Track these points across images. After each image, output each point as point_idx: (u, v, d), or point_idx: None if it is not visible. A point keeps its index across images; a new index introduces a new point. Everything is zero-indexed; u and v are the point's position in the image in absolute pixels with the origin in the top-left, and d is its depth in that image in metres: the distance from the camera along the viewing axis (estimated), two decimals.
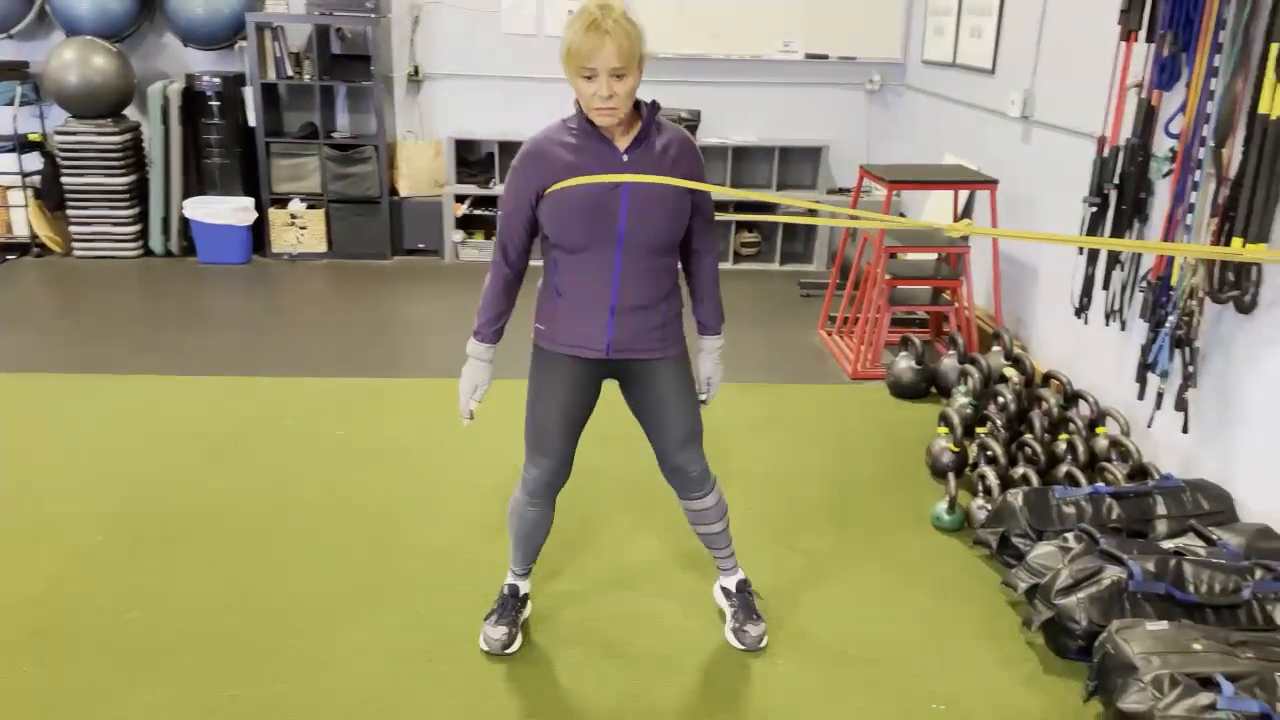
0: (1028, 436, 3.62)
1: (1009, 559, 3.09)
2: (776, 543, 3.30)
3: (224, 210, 6.38)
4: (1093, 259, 3.83)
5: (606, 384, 2.59)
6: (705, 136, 6.78)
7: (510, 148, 6.87)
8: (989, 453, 3.54)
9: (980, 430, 3.74)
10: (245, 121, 6.51)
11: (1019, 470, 3.44)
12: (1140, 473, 3.36)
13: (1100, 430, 3.62)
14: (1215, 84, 3.11)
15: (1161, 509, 3.09)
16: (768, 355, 2.53)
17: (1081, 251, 3.89)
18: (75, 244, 6.47)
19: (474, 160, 6.90)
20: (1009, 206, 4.86)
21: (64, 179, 6.32)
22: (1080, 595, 2.66)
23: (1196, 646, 2.39)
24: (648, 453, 2.65)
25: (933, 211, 5.76)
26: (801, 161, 6.94)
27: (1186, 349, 3.24)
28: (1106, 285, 3.75)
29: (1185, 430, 3.32)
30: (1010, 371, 4.07)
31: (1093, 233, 3.75)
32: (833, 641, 2.80)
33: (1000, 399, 3.81)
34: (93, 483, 3.56)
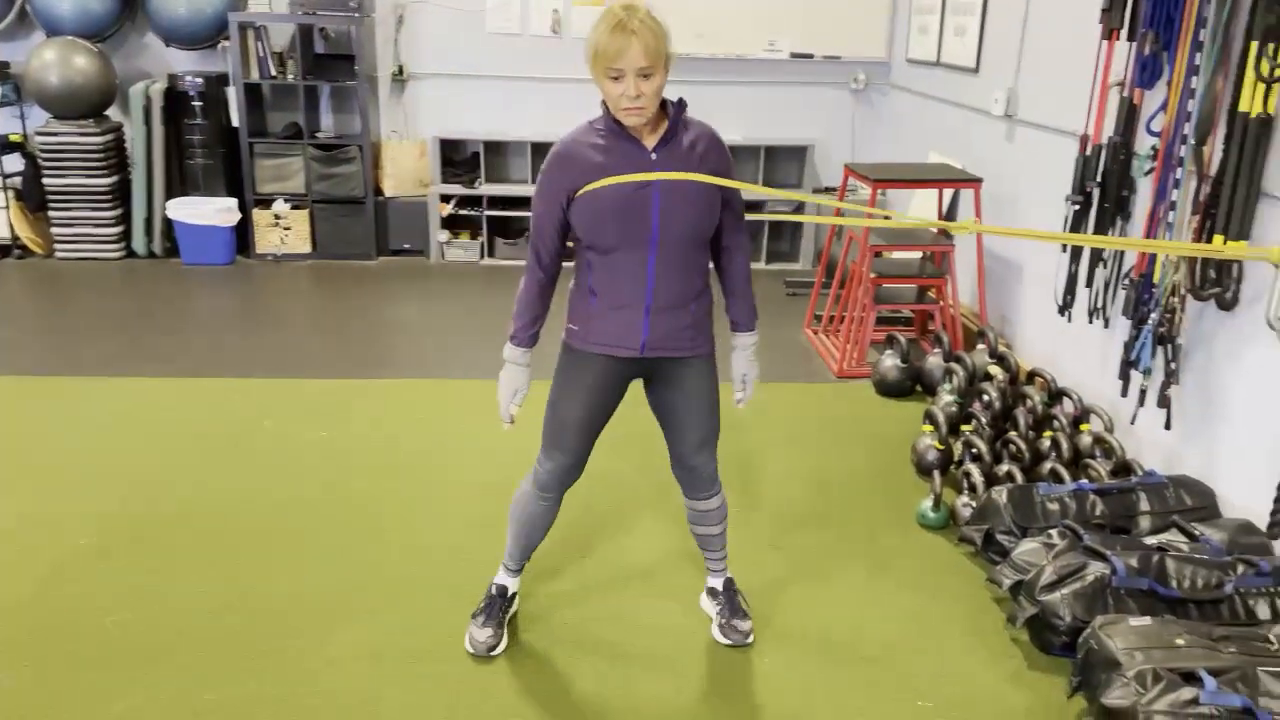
0: (1012, 434, 3.64)
1: (994, 556, 3.10)
2: (762, 541, 3.30)
3: (207, 211, 6.34)
4: (1076, 257, 3.85)
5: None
6: None
7: (496, 147, 6.87)
8: (974, 450, 3.56)
9: (965, 428, 3.76)
10: (228, 122, 6.48)
11: (1003, 467, 3.45)
12: (1124, 469, 3.38)
13: (1084, 427, 3.64)
14: (1196, 82, 3.13)
15: (1145, 505, 3.11)
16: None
17: (1065, 249, 3.91)
18: (57, 245, 6.43)
19: (459, 160, 6.88)
20: (993, 205, 4.88)
21: (45, 180, 6.27)
22: (1064, 591, 2.68)
23: (1179, 642, 2.40)
24: (642, 453, 2.65)
25: (917, 210, 5.78)
26: (787, 161, 6.95)
27: (1169, 346, 3.26)
28: (1090, 283, 3.77)
29: (1168, 427, 3.34)
30: (995, 369, 4.09)
31: (1076, 230, 3.77)
32: (819, 638, 2.80)
33: (985, 397, 3.83)
34: (77, 485, 3.54)
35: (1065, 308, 3.91)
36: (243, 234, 6.55)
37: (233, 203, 6.43)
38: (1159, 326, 3.28)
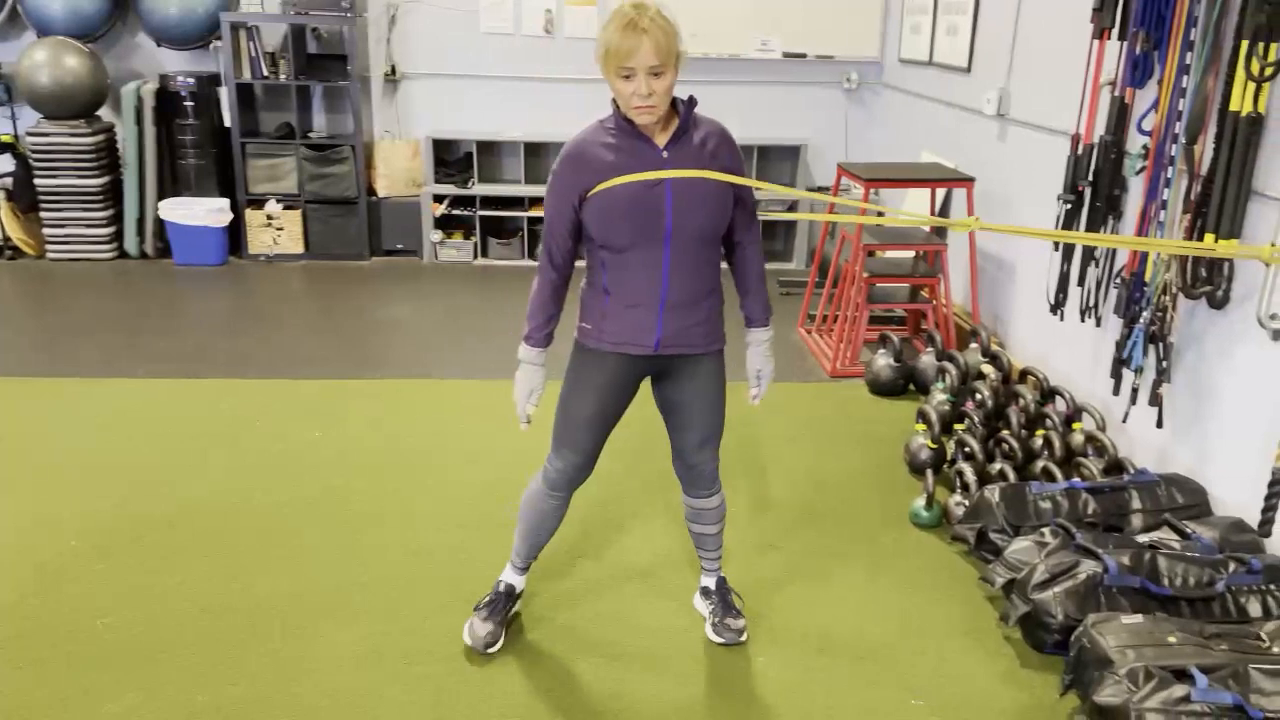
0: (1005, 433, 3.65)
1: (986, 554, 3.11)
2: (756, 539, 3.31)
3: (199, 211, 6.33)
4: (1068, 256, 3.86)
5: None
6: None
7: (489, 147, 6.87)
8: (966, 449, 3.56)
9: (958, 427, 3.76)
10: (220, 122, 6.46)
11: (996, 466, 3.46)
12: (1116, 468, 3.39)
13: (1076, 426, 3.64)
14: (1187, 81, 3.14)
15: (1136, 503, 3.12)
16: (742, 353, 2.56)
17: (1057, 248, 3.92)
18: (49, 246, 6.40)
19: (452, 160, 6.88)
20: (985, 204, 4.89)
21: (37, 181, 6.25)
22: (1056, 590, 2.68)
23: (1171, 639, 2.41)
24: (635, 452, 2.65)
25: (910, 211, 5.78)
26: (780, 160, 6.95)
27: (1160, 344, 3.27)
28: (1081, 282, 3.78)
29: (1160, 425, 3.35)
30: (987, 368, 4.10)
31: (1068, 229, 3.78)
32: (812, 637, 2.81)
33: (978, 396, 3.84)
34: (70, 486, 3.53)
35: (1057, 306, 3.92)
36: (235, 234, 6.54)
37: (225, 203, 6.42)
38: (1150, 325, 3.29)
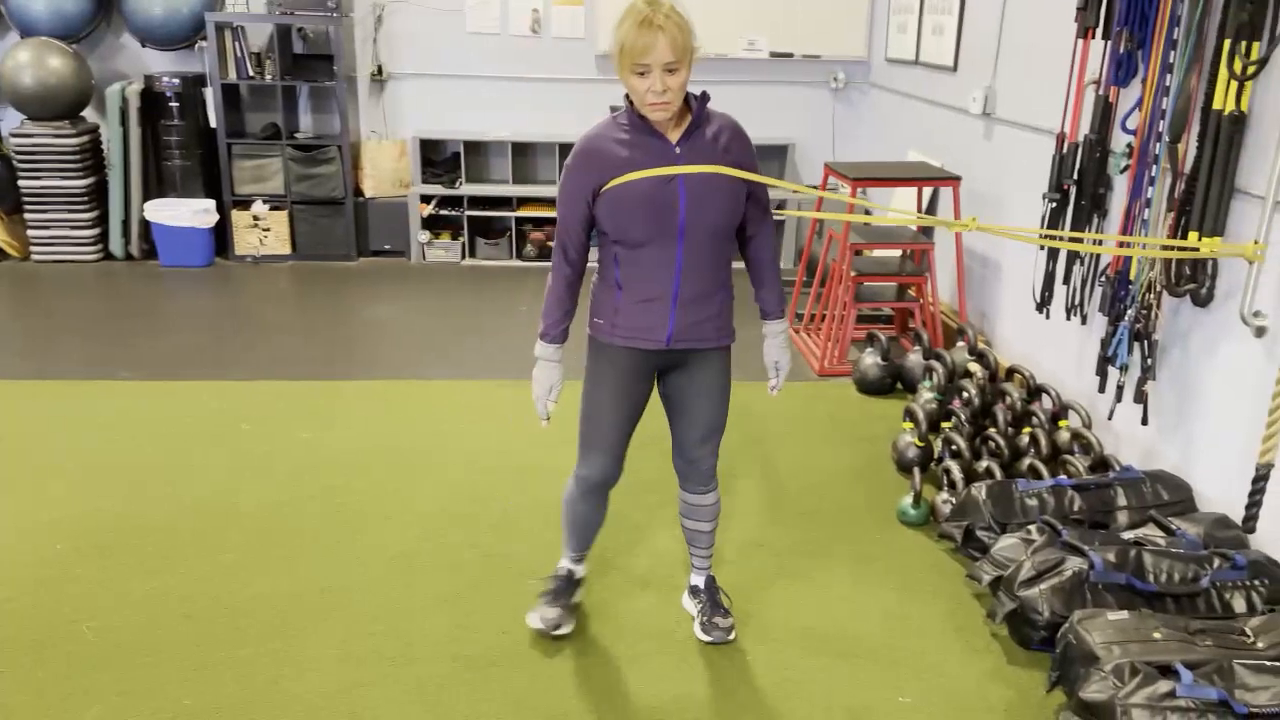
0: (991, 430, 3.66)
1: (973, 552, 3.12)
2: (744, 538, 3.31)
3: (185, 213, 6.30)
4: (1053, 254, 3.87)
5: None
6: None
7: (476, 147, 6.86)
8: (953, 447, 3.57)
9: (945, 425, 3.77)
10: (206, 122, 6.44)
11: (983, 464, 3.47)
12: (1101, 465, 3.40)
13: (1062, 423, 3.66)
14: (1170, 80, 3.15)
15: (1122, 500, 3.13)
16: (735, 353, 2.55)
17: (1042, 246, 3.93)
18: (33, 248, 6.36)
19: (439, 160, 6.86)
20: (972, 203, 4.90)
21: (21, 182, 6.21)
22: (1043, 587, 2.69)
23: (1156, 635, 2.42)
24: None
25: (879, 208, 5.80)
26: (768, 160, 6.96)
27: (1145, 342, 3.28)
28: (1067, 280, 3.79)
29: (1145, 422, 3.37)
30: (974, 366, 4.11)
31: (1053, 227, 3.79)
32: (799, 635, 2.81)
33: (964, 394, 3.85)
34: (53, 489, 3.50)
35: (1043, 305, 3.94)
36: (221, 235, 6.51)
37: (211, 204, 6.39)
38: (1135, 323, 3.31)
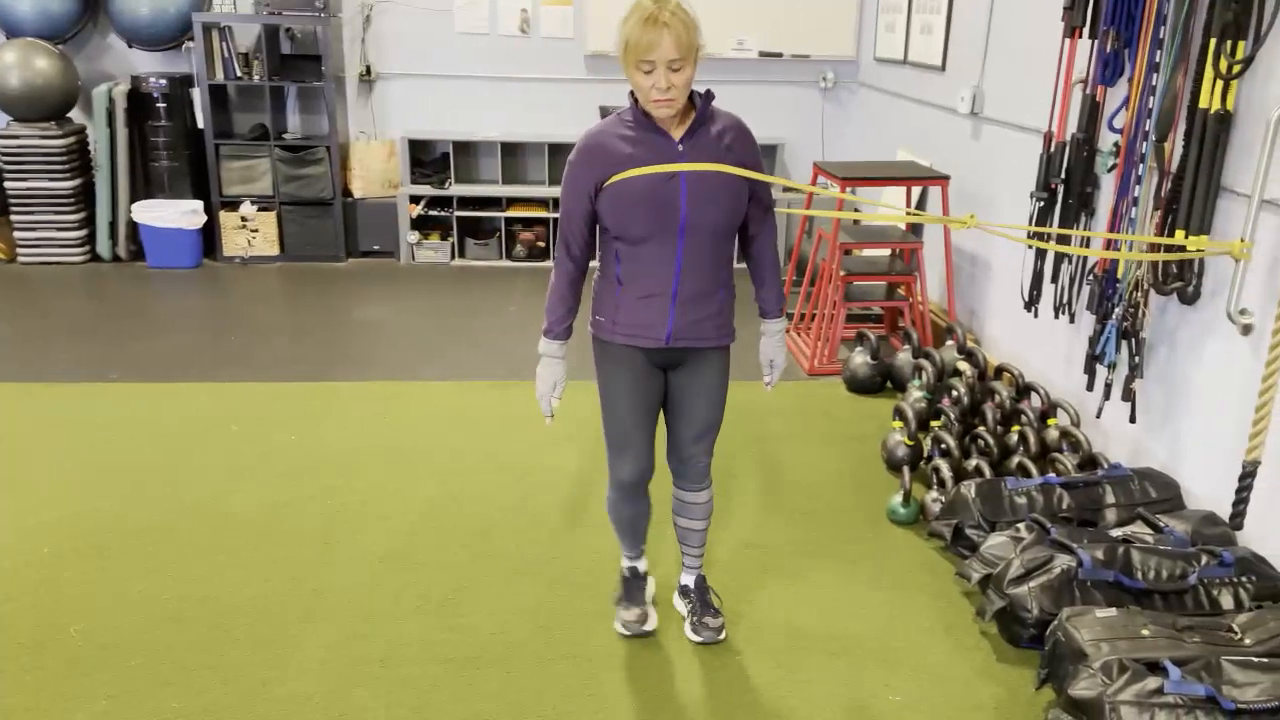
0: (980, 429, 3.66)
1: (963, 550, 3.12)
2: (734, 538, 3.31)
3: (173, 214, 6.27)
4: (1041, 252, 3.88)
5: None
6: None
7: (465, 148, 6.84)
8: (943, 446, 3.58)
9: (934, 424, 3.78)
10: (193, 123, 6.42)
11: (972, 462, 3.48)
12: (1090, 463, 3.42)
13: (1051, 421, 3.67)
14: (1157, 79, 3.16)
15: (1110, 498, 3.14)
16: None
17: (1030, 246, 3.94)
18: (20, 250, 6.33)
19: (428, 160, 6.85)
20: (961, 202, 4.91)
21: (7, 184, 6.17)
22: (1031, 584, 2.70)
23: (1145, 632, 2.43)
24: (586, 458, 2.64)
25: (882, 207, 5.80)
26: None
27: (1133, 340, 3.29)
28: (1055, 279, 3.81)
29: (1133, 420, 3.38)
30: (963, 365, 4.12)
31: (1041, 226, 3.80)
32: (790, 634, 2.81)
33: (954, 392, 3.85)
34: (41, 492, 3.48)
35: (1031, 304, 3.94)
36: (209, 236, 6.49)
37: (198, 205, 6.36)
38: (1123, 321, 3.32)
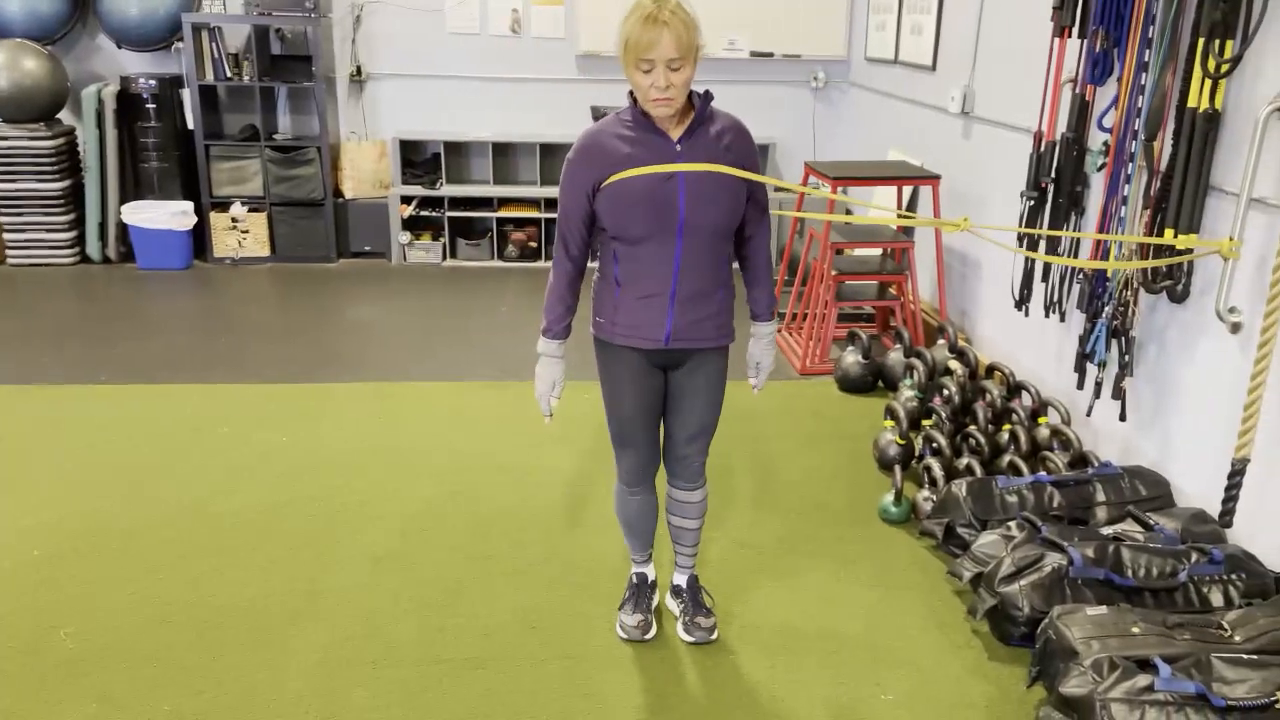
0: (972, 428, 3.67)
1: (954, 549, 3.13)
2: (726, 537, 3.31)
3: (163, 215, 6.25)
4: (1032, 251, 3.88)
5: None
6: None
7: (456, 148, 6.83)
8: (934, 445, 3.59)
9: (926, 423, 3.79)
10: (183, 124, 6.39)
11: (963, 461, 3.48)
12: (1080, 461, 3.43)
13: (1042, 420, 3.68)
14: (1145, 78, 3.17)
15: (1101, 496, 3.15)
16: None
17: (1021, 244, 3.95)
18: (9, 252, 6.31)
19: (419, 161, 6.84)
20: (952, 201, 4.92)
21: None
22: (1022, 583, 2.71)
23: (1135, 630, 2.44)
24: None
25: (875, 209, 5.81)
26: None
27: (1123, 339, 3.30)
28: (1045, 277, 3.81)
29: (1123, 418, 3.39)
30: (954, 364, 4.13)
31: (1031, 225, 3.81)
32: (782, 633, 2.81)
33: (945, 391, 3.86)
34: (30, 494, 3.47)
35: (1022, 303, 3.95)
36: (200, 238, 6.47)
37: (189, 206, 6.35)
38: (1113, 320, 3.33)
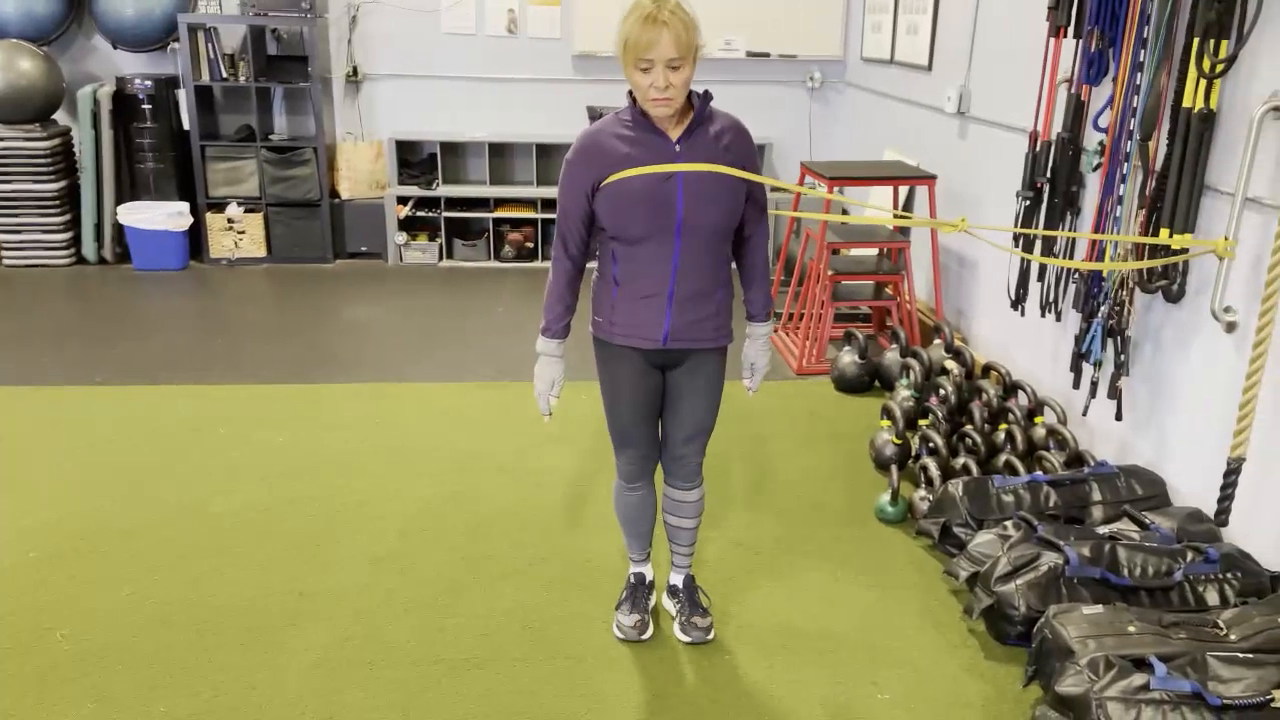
0: (968, 427, 3.67)
1: (950, 548, 3.13)
2: (723, 537, 3.31)
3: (159, 216, 6.24)
4: (1027, 250, 3.89)
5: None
6: None
7: (453, 148, 6.83)
8: (930, 444, 3.59)
9: (922, 422, 3.79)
10: (179, 125, 6.39)
11: (960, 461, 3.49)
12: (1076, 460, 3.43)
13: (1038, 420, 3.68)
14: (1141, 78, 3.18)
15: (1097, 495, 3.15)
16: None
17: (1017, 243, 3.96)
18: (5, 253, 6.30)
19: (415, 161, 6.84)
20: (948, 201, 4.93)
21: None
22: (1019, 582, 2.71)
23: (1131, 629, 2.44)
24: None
25: (872, 209, 5.82)
26: None
27: (1118, 338, 3.31)
28: (1041, 277, 3.82)
29: (1119, 417, 3.39)
30: (951, 364, 4.13)
31: (1027, 225, 3.82)
32: (779, 633, 2.81)
33: (941, 391, 3.87)
34: (26, 496, 3.47)
35: (1018, 302, 3.96)
36: (196, 239, 6.47)
37: (185, 207, 6.34)
38: (1108, 319, 3.33)
